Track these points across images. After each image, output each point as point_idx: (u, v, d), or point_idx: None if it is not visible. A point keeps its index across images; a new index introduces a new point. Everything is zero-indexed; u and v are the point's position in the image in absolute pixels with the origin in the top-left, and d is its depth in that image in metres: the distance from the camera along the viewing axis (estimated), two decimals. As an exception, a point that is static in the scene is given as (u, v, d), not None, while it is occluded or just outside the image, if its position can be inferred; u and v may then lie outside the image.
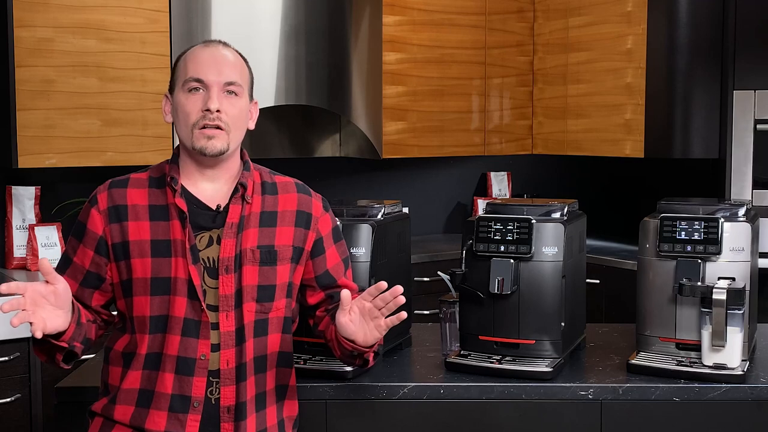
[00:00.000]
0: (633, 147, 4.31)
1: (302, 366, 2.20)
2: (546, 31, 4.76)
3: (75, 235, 1.96)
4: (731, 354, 2.20)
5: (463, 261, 2.29)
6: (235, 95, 1.94)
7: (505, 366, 2.24)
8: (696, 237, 2.25)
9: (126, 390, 1.89)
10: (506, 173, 5.09)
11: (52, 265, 1.76)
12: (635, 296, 2.36)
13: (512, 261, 2.24)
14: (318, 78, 4.08)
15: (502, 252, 2.25)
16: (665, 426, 2.19)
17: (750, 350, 2.34)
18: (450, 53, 4.56)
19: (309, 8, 4.02)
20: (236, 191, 1.95)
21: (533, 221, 2.26)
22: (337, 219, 2.15)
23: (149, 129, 3.69)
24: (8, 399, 3.15)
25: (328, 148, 4.60)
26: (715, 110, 4.07)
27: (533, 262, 2.26)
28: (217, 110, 1.90)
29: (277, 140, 4.45)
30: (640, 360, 2.29)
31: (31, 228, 3.67)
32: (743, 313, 2.20)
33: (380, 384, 2.20)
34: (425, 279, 3.98)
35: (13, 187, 3.75)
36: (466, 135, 4.66)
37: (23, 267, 3.71)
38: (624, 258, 4.14)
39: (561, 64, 4.67)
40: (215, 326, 1.88)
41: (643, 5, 4.22)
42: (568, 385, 2.20)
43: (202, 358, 1.87)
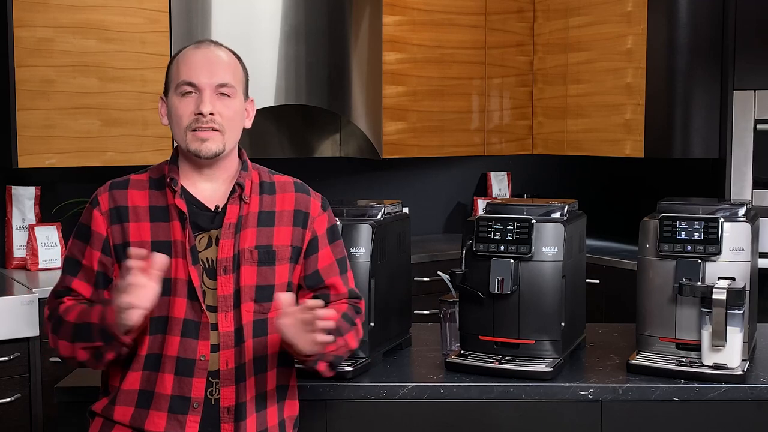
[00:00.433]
0: (633, 147, 4.31)
1: (302, 366, 2.20)
2: (546, 31, 4.75)
3: (79, 238, 1.95)
4: (731, 354, 2.20)
5: (463, 261, 2.29)
6: (228, 96, 1.93)
7: (505, 366, 2.24)
8: (696, 237, 2.25)
9: (126, 391, 1.89)
10: (506, 173, 5.08)
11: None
12: (635, 296, 2.36)
13: (512, 261, 2.24)
14: (318, 78, 4.08)
15: (502, 252, 2.25)
16: (665, 426, 2.19)
17: (750, 350, 2.34)
18: (450, 53, 4.56)
19: (309, 8, 4.02)
20: (234, 192, 1.95)
21: (533, 221, 2.26)
22: (337, 219, 2.14)
23: (149, 129, 3.69)
24: (8, 399, 3.15)
25: (328, 148, 4.60)
26: (715, 110, 4.07)
27: (533, 262, 2.26)
28: (210, 113, 1.90)
29: (277, 140, 4.45)
30: (640, 360, 2.29)
31: (31, 228, 3.67)
32: (743, 313, 2.20)
33: (380, 384, 2.20)
34: (425, 279, 3.98)
35: (13, 187, 3.74)
36: (466, 135, 4.66)
37: (23, 267, 3.70)
38: (624, 258, 4.14)
39: (561, 64, 4.67)
40: (215, 327, 1.88)
41: (643, 5, 4.22)
42: (568, 385, 2.20)
43: (202, 359, 1.87)
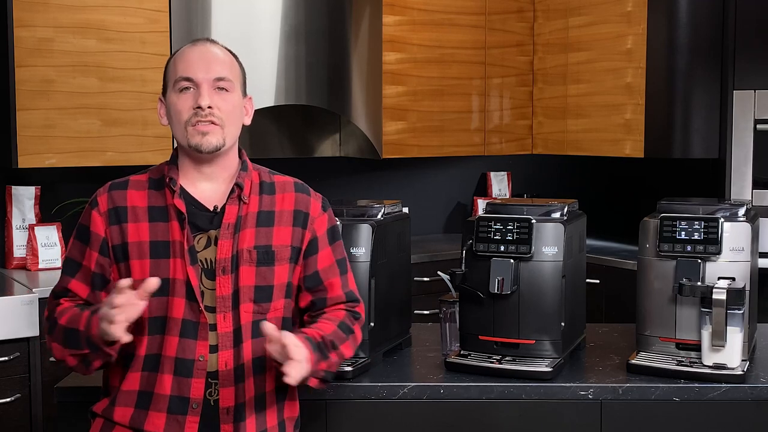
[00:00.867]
0: (633, 147, 4.31)
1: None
2: (546, 31, 4.75)
3: (79, 239, 1.96)
4: (731, 354, 2.20)
5: (463, 261, 2.29)
6: (226, 91, 1.93)
7: (505, 366, 2.24)
8: (696, 237, 2.25)
9: (125, 391, 1.89)
10: (506, 173, 5.08)
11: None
12: (635, 296, 2.36)
13: (512, 261, 2.24)
14: (318, 78, 4.08)
15: (502, 252, 2.25)
16: (665, 426, 2.19)
17: (750, 350, 2.34)
18: (450, 53, 4.56)
19: (309, 8, 4.02)
20: (233, 192, 1.95)
21: (533, 221, 2.26)
22: (337, 219, 2.14)
23: (149, 129, 3.69)
24: (8, 399, 3.15)
25: (328, 148, 4.60)
26: (715, 110, 4.07)
27: (533, 262, 2.26)
28: (209, 107, 1.90)
29: (277, 140, 4.45)
30: (640, 360, 2.29)
31: (31, 228, 3.67)
32: (743, 313, 2.20)
33: (380, 384, 2.20)
34: (425, 279, 3.98)
35: (13, 187, 3.74)
36: (466, 135, 4.66)
37: (23, 267, 3.70)
38: (624, 258, 4.13)
39: (561, 64, 4.67)
40: (213, 327, 1.88)
41: (643, 5, 4.22)
42: (568, 385, 2.20)
43: (201, 360, 1.87)
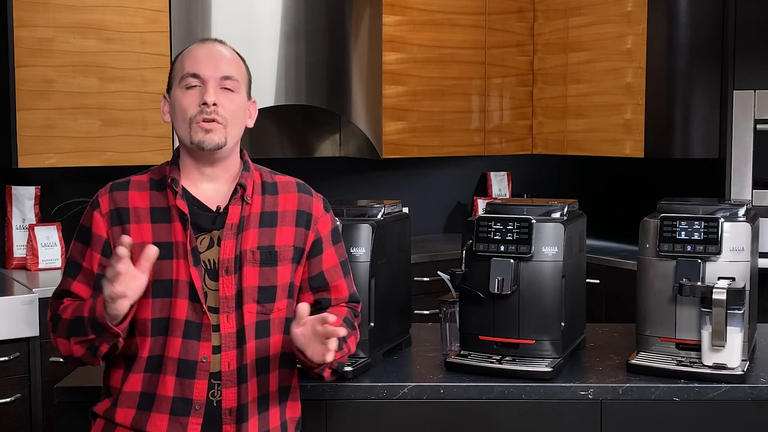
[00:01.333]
0: (633, 147, 4.31)
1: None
2: (546, 31, 4.75)
3: (80, 240, 1.95)
4: (731, 354, 2.20)
5: (463, 261, 2.29)
6: (232, 91, 1.94)
7: (505, 366, 2.24)
8: (696, 237, 2.25)
9: (127, 393, 1.89)
10: (506, 173, 5.08)
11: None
12: (635, 296, 2.36)
13: (512, 261, 2.24)
14: (318, 78, 4.08)
15: (502, 252, 2.25)
16: (665, 426, 2.19)
17: (750, 350, 2.34)
18: (450, 53, 4.56)
19: (309, 8, 4.02)
20: (235, 192, 1.95)
21: (533, 221, 2.26)
22: (337, 219, 2.14)
23: (149, 129, 3.69)
24: (8, 399, 3.15)
25: (328, 148, 4.60)
26: (715, 110, 4.07)
27: (533, 262, 2.26)
28: (214, 104, 1.90)
29: (277, 140, 4.45)
30: (640, 360, 2.29)
31: (31, 228, 3.67)
32: (743, 313, 2.20)
33: (380, 384, 2.20)
34: (425, 279, 3.98)
35: (13, 187, 3.74)
36: (466, 135, 4.66)
37: (23, 267, 3.70)
38: (624, 258, 4.14)
39: (561, 64, 4.67)
40: (216, 328, 1.88)
41: (643, 5, 4.22)
42: (568, 385, 2.20)
43: (204, 361, 1.87)
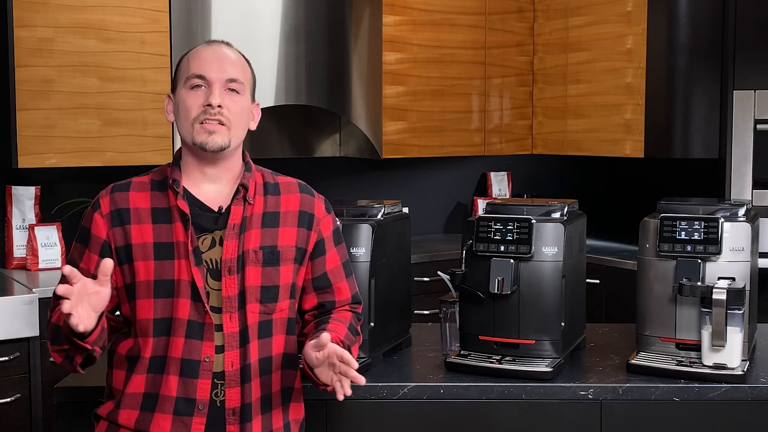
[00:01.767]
0: (633, 147, 4.31)
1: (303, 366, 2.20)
2: (546, 31, 4.75)
3: (80, 241, 1.95)
4: (731, 354, 2.20)
5: (463, 261, 2.29)
6: (237, 93, 1.94)
7: (505, 366, 2.25)
8: (696, 237, 2.25)
9: (130, 394, 1.88)
10: (506, 173, 5.08)
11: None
12: (635, 296, 2.36)
13: (512, 261, 2.24)
14: (318, 78, 4.08)
15: (502, 252, 2.25)
16: (665, 426, 2.19)
17: (750, 350, 2.34)
18: (450, 53, 4.56)
19: (309, 8, 4.02)
20: (238, 192, 1.95)
21: (533, 221, 2.26)
22: (338, 219, 2.15)
23: (149, 129, 3.69)
24: (8, 399, 3.15)
25: (328, 148, 4.60)
26: (715, 110, 4.07)
27: (533, 262, 2.26)
28: (219, 105, 1.90)
29: (277, 140, 4.45)
30: (640, 360, 2.29)
31: (31, 228, 3.67)
32: (743, 313, 2.20)
33: (380, 384, 2.20)
34: (425, 279, 3.98)
35: (13, 187, 3.74)
36: (466, 135, 4.66)
37: (23, 267, 3.71)
38: (624, 258, 4.14)
39: (561, 64, 4.67)
40: (219, 328, 1.88)
41: (643, 5, 4.22)
42: (568, 385, 2.20)
43: (207, 360, 1.86)
